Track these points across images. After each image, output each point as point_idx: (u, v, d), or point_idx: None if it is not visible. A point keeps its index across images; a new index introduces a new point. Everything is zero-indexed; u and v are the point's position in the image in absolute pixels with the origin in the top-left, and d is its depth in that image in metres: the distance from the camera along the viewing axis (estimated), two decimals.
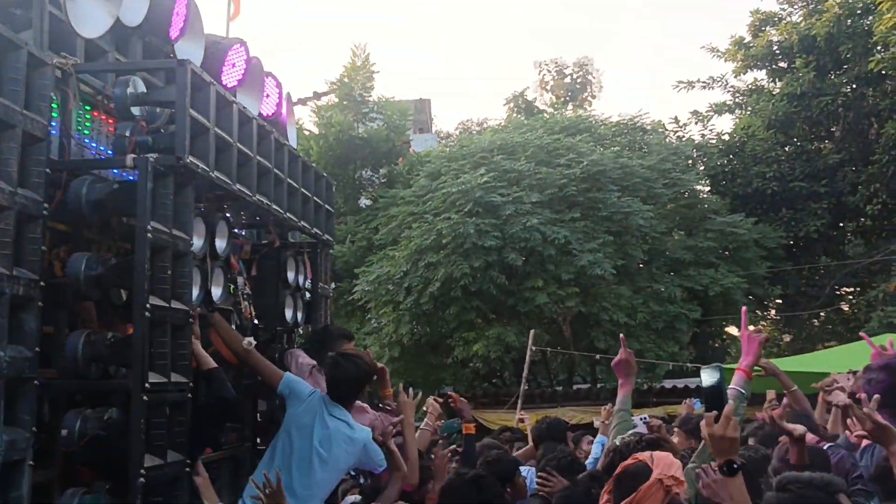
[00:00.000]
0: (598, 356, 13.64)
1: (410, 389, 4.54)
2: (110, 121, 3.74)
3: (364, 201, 18.45)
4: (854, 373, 4.41)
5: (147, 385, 3.12)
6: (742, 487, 2.60)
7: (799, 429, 3.73)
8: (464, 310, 13.72)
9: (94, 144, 3.66)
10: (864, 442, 3.72)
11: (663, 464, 2.80)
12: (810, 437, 3.90)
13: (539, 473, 4.34)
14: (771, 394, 6.79)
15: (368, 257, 15.43)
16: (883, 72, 16.34)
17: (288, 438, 3.92)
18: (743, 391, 3.21)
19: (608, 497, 2.84)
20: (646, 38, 72.43)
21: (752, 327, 3.60)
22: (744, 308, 3.72)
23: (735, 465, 2.63)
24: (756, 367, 3.38)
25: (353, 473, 4.45)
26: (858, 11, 17.51)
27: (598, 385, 15.37)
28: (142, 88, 3.58)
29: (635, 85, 70.76)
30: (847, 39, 17.36)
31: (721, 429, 2.66)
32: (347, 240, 16.53)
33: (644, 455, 2.90)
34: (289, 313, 4.99)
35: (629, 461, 2.89)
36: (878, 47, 16.35)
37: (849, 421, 4.01)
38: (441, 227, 13.55)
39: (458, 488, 3.53)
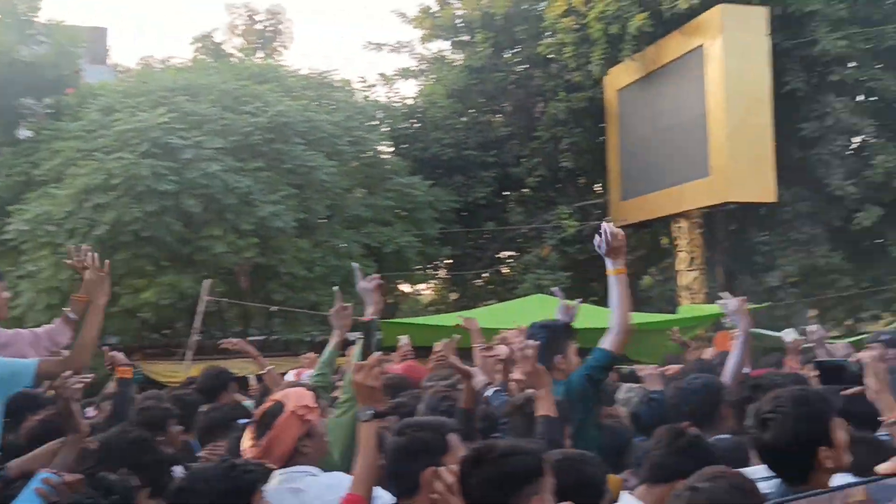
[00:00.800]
0: (274, 308, 13.64)
1: (107, 262, 3.92)
2: None
3: (24, 132, 16.61)
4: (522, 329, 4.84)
5: None
6: (374, 434, 2.73)
7: (470, 371, 4.00)
8: (134, 256, 12.98)
9: None
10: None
11: (296, 396, 3.03)
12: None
13: (205, 451, 4.25)
14: (438, 346, 7.22)
15: (25, 194, 13.99)
16: (550, 55, 17.87)
17: None
18: (379, 336, 3.55)
19: (251, 441, 2.95)
20: None
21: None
22: (354, 264, 4.04)
23: (371, 412, 2.76)
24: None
25: None
26: None
27: (273, 337, 15.38)
28: None
29: (326, 40, 70.85)
30: (522, 21, 18.76)
31: (363, 377, 2.80)
32: (2, 173, 14.85)
33: (279, 395, 3.11)
34: None
35: (266, 404, 3.07)
36: (548, 32, 17.83)
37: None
38: (112, 167, 12.65)
39: (115, 447, 3.35)
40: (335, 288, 4.35)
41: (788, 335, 6.32)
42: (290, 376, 6.52)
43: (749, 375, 4.36)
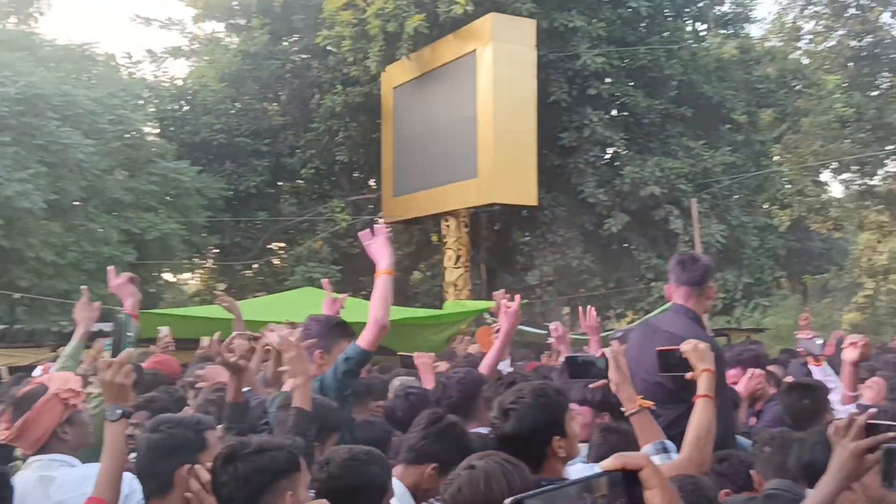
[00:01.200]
0: (18, 295, 12.57)
1: None
2: None
3: None
4: (293, 323, 4.74)
5: None
6: (122, 434, 2.67)
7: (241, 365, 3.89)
8: None
9: None
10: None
11: (60, 380, 2.99)
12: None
13: None
14: (164, 330, 7.02)
15: None
16: (328, 48, 17.79)
17: None
18: (131, 333, 3.46)
19: (6, 425, 2.84)
20: None
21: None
22: (109, 268, 4.02)
23: (120, 412, 2.69)
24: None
25: None
26: None
27: (17, 327, 14.17)
28: None
29: (88, 9, 66.08)
30: (301, 10, 18.54)
31: (112, 374, 2.73)
32: None
33: (42, 378, 3.10)
34: None
35: (29, 386, 3.01)
36: (327, 24, 17.75)
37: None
38: None
39: None
40: (83, 287, 4.19)
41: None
42: (38, 371, 6.07)
43: (512, 372, 4.57)
